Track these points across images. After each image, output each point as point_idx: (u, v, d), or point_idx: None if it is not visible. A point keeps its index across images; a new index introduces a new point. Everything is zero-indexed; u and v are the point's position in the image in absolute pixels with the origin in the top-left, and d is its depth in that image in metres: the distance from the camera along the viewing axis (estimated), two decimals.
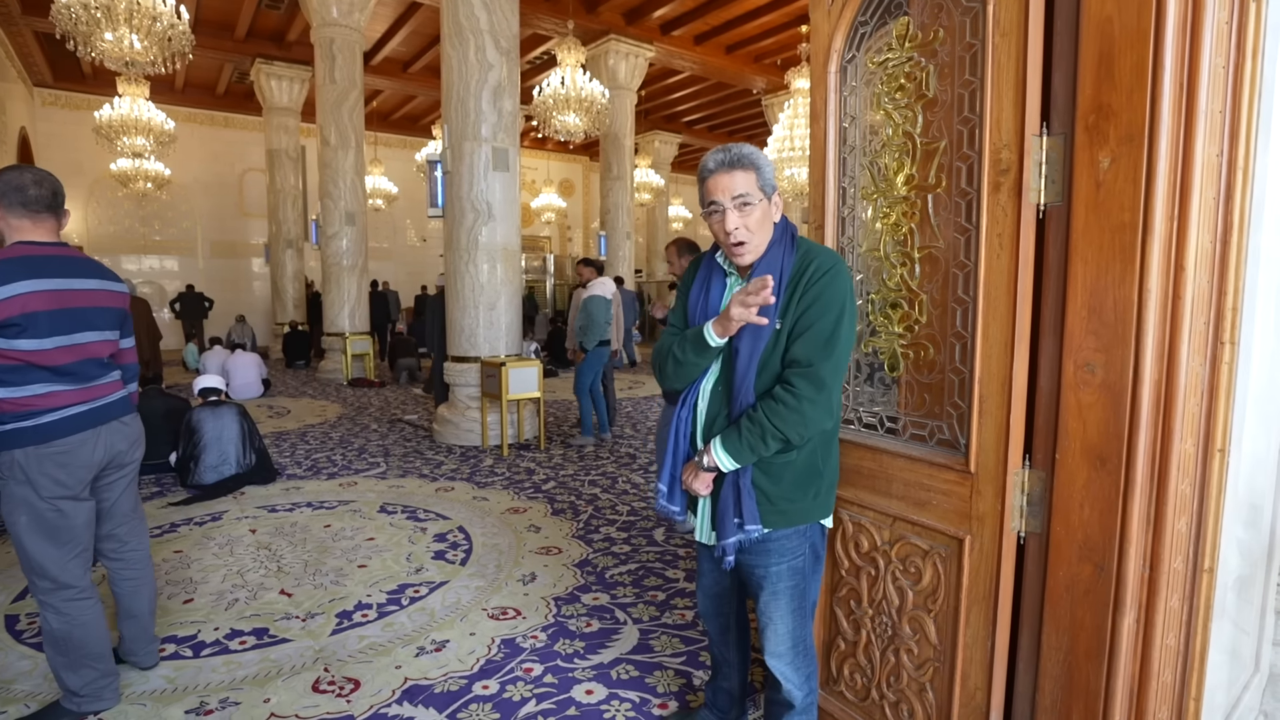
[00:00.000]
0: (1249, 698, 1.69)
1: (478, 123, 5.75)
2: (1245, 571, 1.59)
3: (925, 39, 1.56)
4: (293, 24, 10.88)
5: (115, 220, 13.83)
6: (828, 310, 1.45)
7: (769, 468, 1.55)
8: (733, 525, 1.54)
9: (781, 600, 1.62)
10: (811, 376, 1.44)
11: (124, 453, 2.19)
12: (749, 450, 1.49)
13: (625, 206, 12.52)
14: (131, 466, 2.26)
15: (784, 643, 1.65)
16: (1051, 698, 1.37)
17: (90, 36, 5.85)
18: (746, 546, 1.61)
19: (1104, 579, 1.27)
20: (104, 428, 2.09)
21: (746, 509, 1.53)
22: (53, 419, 1.97)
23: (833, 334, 1.44)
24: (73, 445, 2.00)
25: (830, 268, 1.47)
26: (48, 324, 1.92)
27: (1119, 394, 1.22)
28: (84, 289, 2.05)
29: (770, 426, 1.45)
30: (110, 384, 2.16)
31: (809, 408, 1.44)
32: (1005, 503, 1.42)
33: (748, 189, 1.48)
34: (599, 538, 3.72)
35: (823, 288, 1.46)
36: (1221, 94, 1.20)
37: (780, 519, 1.56)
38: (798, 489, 1.56)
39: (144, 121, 9.51)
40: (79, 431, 2.01)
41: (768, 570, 1.61)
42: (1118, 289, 1.21)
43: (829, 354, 1.44)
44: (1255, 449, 1.54)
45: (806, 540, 1.62)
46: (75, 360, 2.01)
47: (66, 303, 1.98)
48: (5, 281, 1.84)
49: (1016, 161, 1.35)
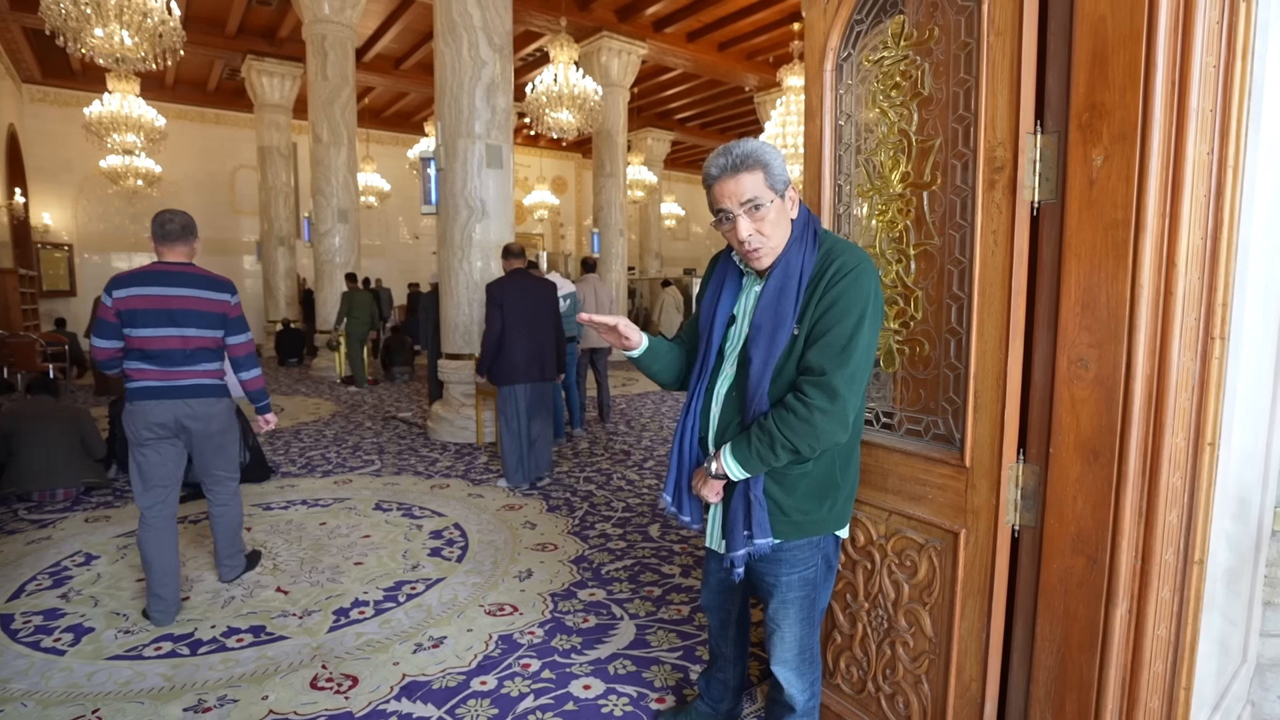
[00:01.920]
0: (1237, 687, 1.71)
1: (471, 120, 5.74)
2: (1234, 564, 1.62)
3: (921, 37, 1.57)
4: (284, 20, 10.81)
5: (105, 218, 13.72)
6: (846, 315, 1.37)
7: (783, 478, 1.50)
8: (742, 537, 1.50)
9: (791, 610, 1.59)
10: (824, 386, 1.36)
11: (198, 424, 2.79)
12: (758, 460, 1.43)
13: (618, 204, 12.51)
14: (216, 436, 2.88)
15: (790, 650, 1.62)
16: (1045, 688, 1.39)
17: (80, 32, 5.79)
18: (757, 555, 1.56)
19: (1097, 571, 1.29)
20: (170, 401, 2.71)
21: (756, 520, 1.48)
22: (136, 386, 2.69)
23: (850, 341, 1.36)
24: (145, 408, 2.68)
25: (854, 268, 1.39)
26: (143, 319, 2.66)
27: (1112, 389, 1.24)
28: (177, 295, 2.71)
29: (780, 436, 1.39)
30: (192, 371, 2.76)
31: (821, 419, 1.36)
32: (1000, 497, 1.44)
33: (756, 191, 1.40)
34: (594, 534, 3.73)
35: (842, 290, 1.37)
36: (1212, 93, 1.21)
37: (793, 530, 1.52)
38: (813, 500, 1.51)
39: (134, 118, 9.43)
40: (149, 399, 2.69)
41: (778, 579, 1.57)
42: (1111, 285, 1.23)
43: (844, 362, 1.36)
44: (1244, 443, 1.56)
45: (820, 551, 1.57)
46: (161, 348, 2.69)
47: (160, 305, 2.67)
48: (118, 287, 2.65)
49: (1011, 159, 1.37)
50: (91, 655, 2.50)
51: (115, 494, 4.49)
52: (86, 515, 4.06)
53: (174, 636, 2.62)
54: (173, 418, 2.71)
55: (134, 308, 2.63)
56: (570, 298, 5.82)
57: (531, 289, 4.47)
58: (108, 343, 2.66)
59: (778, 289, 1.44)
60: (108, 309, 2.64)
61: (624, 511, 4.13)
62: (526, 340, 4.39)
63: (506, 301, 4.31)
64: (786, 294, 1.43)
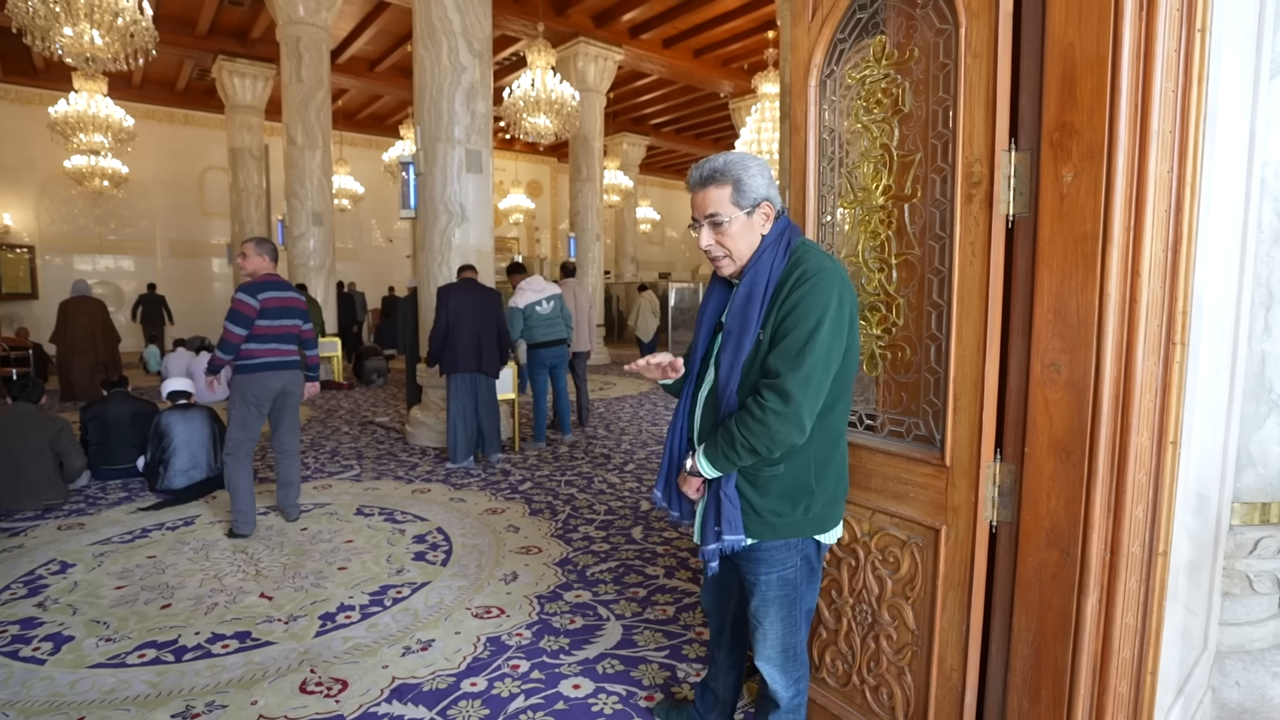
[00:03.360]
0: (1199, 674, 1.81)
1: (451, 125, 5.75)
2: (1195, 557, 1.72)
3: (901, 57, 1.65)
4: (257, 21, 10.69)
5: (69, 219, 13.38)
6: (803, 320, 1.40)
7: (755, 479, 1.53)
8: (713, 533, 1.54)
9: (771, 608, 1.62)
10: (777, 388, 1.40)
11: (295, 387, 3.89)
12: (724, 459, 1.48)
13: (595, 208, 12.56)
14: (295, 397, 3.93)
15: (773, 648, 1.66)
16: (1022, 676, 1.46)
17: (49, 31, 5.69)
18: (738, 552, 1.60)
19: (1069, 563, 1.37)
20: (280, 372, 3.80)
21: (726, 517, 1.52)
22: (259, 361, 3.72)
23: (806, 345, 1.39)
24: (266, 377, 3.75)
25: (815, 274, 1.43)
26: (271, 313, 3.73)
27: (1082, 391, 1.32)
28: (285, 296, 3.81)
29: (739, 436, 1.44)
30: (291, 349, 3.85)
31: (774, 420, 1.40)
32: (978, 494, 1.51)
33: (719, 207, 1.48)
34: (578, 537, 3.77)
35: (801, 296, 1.41)
36: (1171, 115, 1.30)
37: (767, 531, 1.54)
38: (785, 503, 1.54)
39: (102, 118, 9.24)
40: (269, 371, 3.75)
41: (758, 578, 1.61)
42: (1080, 294, 1.31)
43: (798, 365, 1.39)
44: (1203, 442, 1.66)
45: (798, 553, 1.59)
46: (279, 334, 3.77)
47: (280, 303, 3.77)
48: (260, 291, 3.69)
49: (987, 174, 1.45)
50: (73, 664, 2.47)
51: (87, 501, 4.40)
52: (60, 523, 3.98)
53: (157, 644, 2.60)
54: (280, 384, 3.80)
55: (269, 305, 3.70)
56: (556, 299, 5.87)
57: (474, 293, 5.15)
58: (242, 330, 3.62)
59: (746, 295, 1.50)
60: (252, 306, 3.63)
61: (606, 514, 4.17)
62: (468, 336, 5.07)
63: (451, 301, 5.03)
64: (753, 300, 1.48)
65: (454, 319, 5.00)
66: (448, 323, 5.00)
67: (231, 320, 3.63)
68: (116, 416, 4.86)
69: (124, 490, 4.66)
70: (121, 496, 4.53)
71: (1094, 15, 1.27)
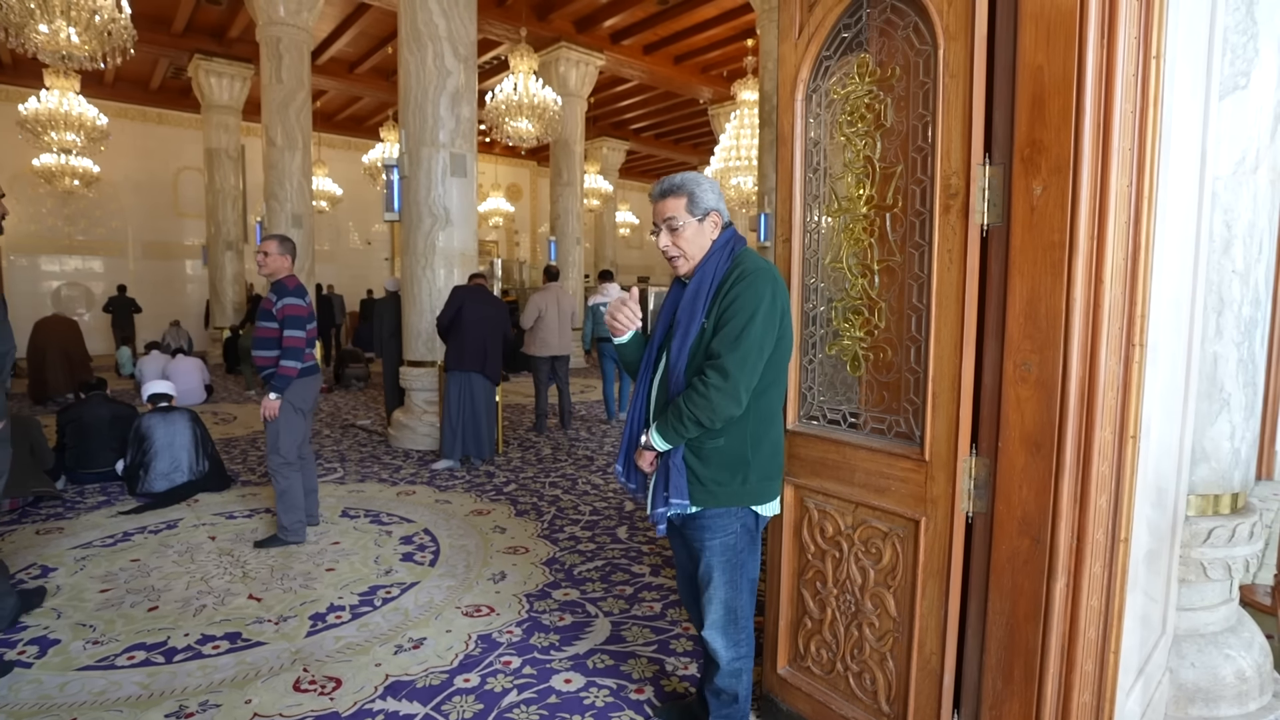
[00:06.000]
0: (1158, 656, 1.92)
1: (435, 128, 5.78)
2: (1154, 546, 1.83)
3: (884, 75, 1.74)
4: (235, 20, 10.58)
5: (36, 219, 13.10)
6: (741, 311, 1.65)
7: (699, 450, 1.75)
8: (661, 498, 1.77)
9: (715, 571, 1.82)
10: (718, 367, 1.65)
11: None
12: (673, 432, 1.72)
13: (575, 212, 12.60)
14: None
15: (718, 610, 1.84)
16: (996, 657, 1.56)
17: (24, 28, 5.61)
18: (686, 521, 1.82)
19: (1039, 550, 1.46)
20: (317, 375, 3.79)
21: (673, 484, 1.74)
22: (307, 365, 3.65)
23: (743, 332, 1.64)
24: (310, 383, 3.71)
25: (751, 274, 1.68)
26: (310, 318, 3.66)
27: (1051, 389, 1.42)
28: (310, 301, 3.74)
29: (685, 410, 1.68)
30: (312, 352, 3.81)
31: (715, 394, 1.64)
32: (956, 487, 1.61)
33: (675, 213, 1.77)
34: (564, 537, 3.82)
35: (739, 292, 1.67)
36: (1130, 134, 1.41)
37: (709, 499, 1.76)
38: (725, 472, 1.75)
39: (74, 116, 9.08)
40: (312, 375, 3.73)
41: (703, 544, 1.81)
42: (1049, 298, 1.41)
43: (735, 347, 1.64)
44: (1161, 438, 1.77)
45: (738, 520, 1.80)
46: (314, 337, 3.72)
47: (313, 308, 3.74)
48: (306, 294, 3.68)
49: (964, 187, 1.54)
50: (61, 666, 2.47)
51: (66, 505, 4.35)
52: (37, 528, 3.93)
53: (146, 646, 2.61)
54: (319, 387, 3.87)
55: (313, 309, 3.77)
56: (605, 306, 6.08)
57: (484, 300, 5.39)
58: (304, 333, 3.61)
59: (695, 290, 1.76)
60: (306, 308, 3.65)
61: (591, 515, 4.22)
62: (475, 337, 5.27)
63: (465, 301, 5.23)
64: (700, 294, 1.74)
65: (465, 317, 5.20)
66: (459, 309, 5.21)
67: (293, 326, 3.54)
68: (95, 419, 4.81)
69: (103, 494, 4.61)
70: (100, 500, 4.48)
71: (1060, 41, 1.37)
